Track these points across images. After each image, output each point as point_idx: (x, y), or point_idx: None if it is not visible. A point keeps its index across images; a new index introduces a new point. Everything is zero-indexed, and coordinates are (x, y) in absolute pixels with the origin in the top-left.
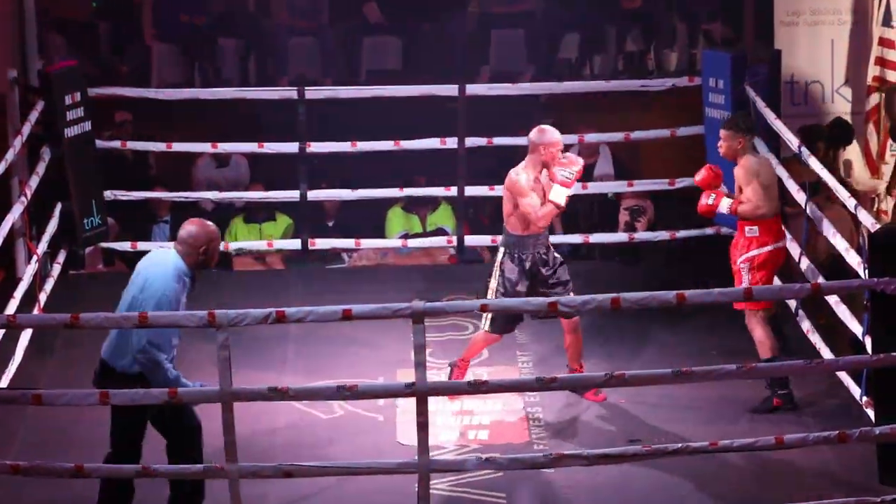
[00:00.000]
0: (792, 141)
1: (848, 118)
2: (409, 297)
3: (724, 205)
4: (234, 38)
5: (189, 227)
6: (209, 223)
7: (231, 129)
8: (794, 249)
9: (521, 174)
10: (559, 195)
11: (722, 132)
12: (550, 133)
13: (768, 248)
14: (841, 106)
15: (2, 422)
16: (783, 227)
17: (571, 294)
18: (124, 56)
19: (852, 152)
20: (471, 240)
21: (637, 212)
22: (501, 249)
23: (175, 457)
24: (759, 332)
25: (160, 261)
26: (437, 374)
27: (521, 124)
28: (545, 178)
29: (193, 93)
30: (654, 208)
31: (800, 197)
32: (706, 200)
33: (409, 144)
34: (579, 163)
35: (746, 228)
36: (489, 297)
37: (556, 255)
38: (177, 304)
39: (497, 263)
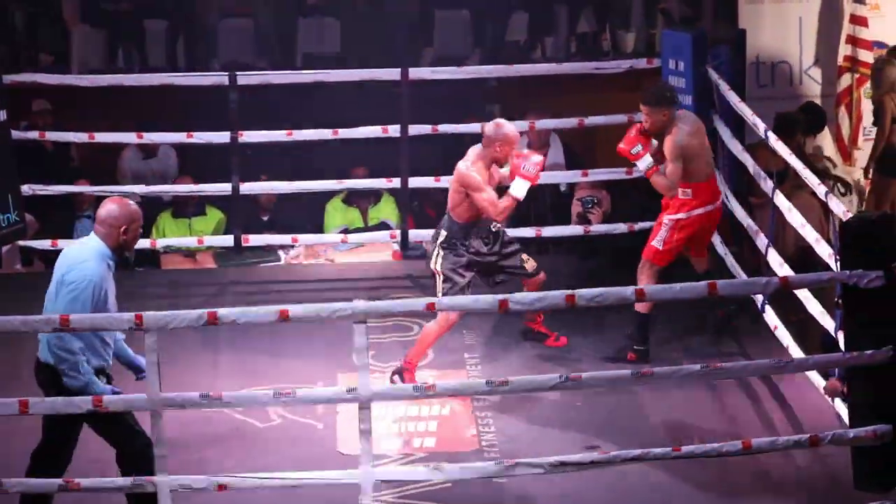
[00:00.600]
0: (758, 125)
1: (818, 101)
2: (350, 297)
3: (643, 164)
4: (162, 21)
5: (108, 206)
6: (130, 202)
7: (158, 117)
8: (760, 241)
9: (471, 169)
10: (521, 189)
11: (643, 108)
12: (508, 129)
13: (698, 211)
14: (810, 88)
15: None
16: (717, 189)
17: (524, 256)
18: (41, 41)
19: (823, 138)
20: (415, 234)
21: (591, 203)
22: (443, 234)
23: (123, 466)
24: (645, 284)
25: (79, 246)
26: (381, 378)
27: (467, 111)
28: (499, 171)
29: (117, 79)
30: (610, 199)
31: (766, 185)
32: (630, 148)
33: (349, 133)
34: (538, 156)
35: (680, 191)
36: (439, 287)
37: (492, 227)
38: (102, 289)
39: (436, 248)
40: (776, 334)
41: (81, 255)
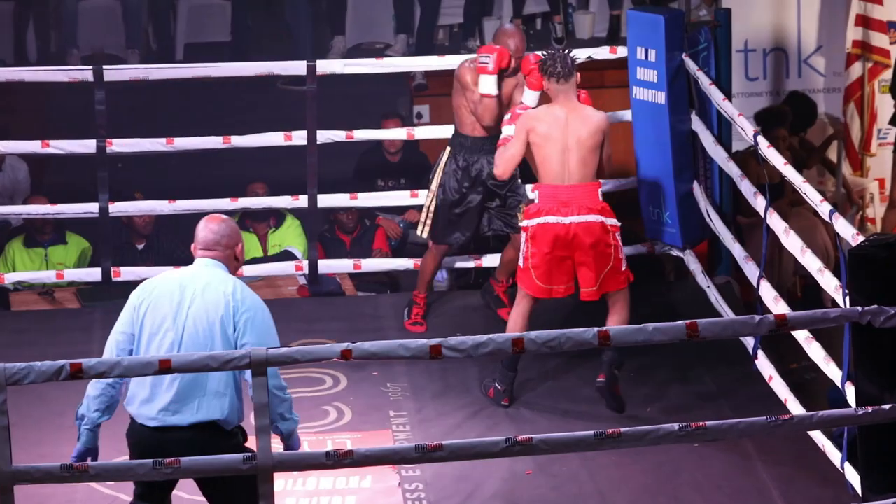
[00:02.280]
0: (746, 128)
1: (819, 96)
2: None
3: (504, 131)
4: (6, 2)
5: (214, 226)
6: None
7: (5, 122)
8: (751, 271)
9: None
10: (486, 85)
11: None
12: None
13: (536, 221)
14: (812, 80)
15: None
16: (568, 203)
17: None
18: None
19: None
20: (326, 265)
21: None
22: (446, 151)
23: None
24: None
25: (217, 277)
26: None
27: (389, 113)
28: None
29: None
30: None
31: (758, 202)
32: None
33: (243, 141)
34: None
35: (529, 189)
36: (427, 202)
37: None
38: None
39: (440, 165)
40: (771, 385)
41: (232, 284)
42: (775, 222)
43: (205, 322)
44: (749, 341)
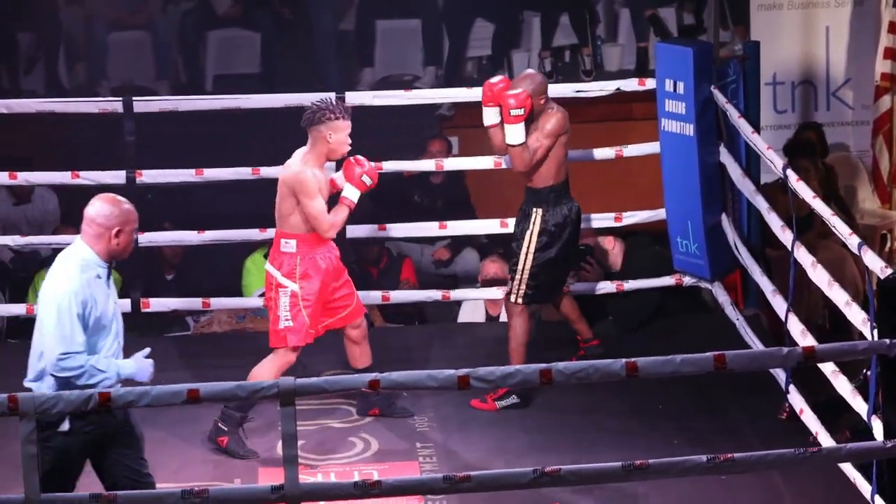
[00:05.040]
0: (775, 162)
1: (848, 129)
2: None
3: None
4: (37, 34)
5: (97, 204)
6: (122, 199)
7: (35, 153)
8: (779, 304)
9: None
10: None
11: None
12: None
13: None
14: (840, 113)
15: None
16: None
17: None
18: None
19: (857, 176)
20: (360, 296)
21: (583, 253)
22: (538, 211)
23: None
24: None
25: (60, 257)
26: (312, 473)
27: (417, 144)
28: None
29: None
30: (622, 249)
31: (786, 236)
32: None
33: (272, 172)
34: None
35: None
36: (520, 265)
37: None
38: (89, 302)
39: (534, 227)
40: (802, 418)
41: (57, 269)
42: (802, 256)
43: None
44: (781, 376)
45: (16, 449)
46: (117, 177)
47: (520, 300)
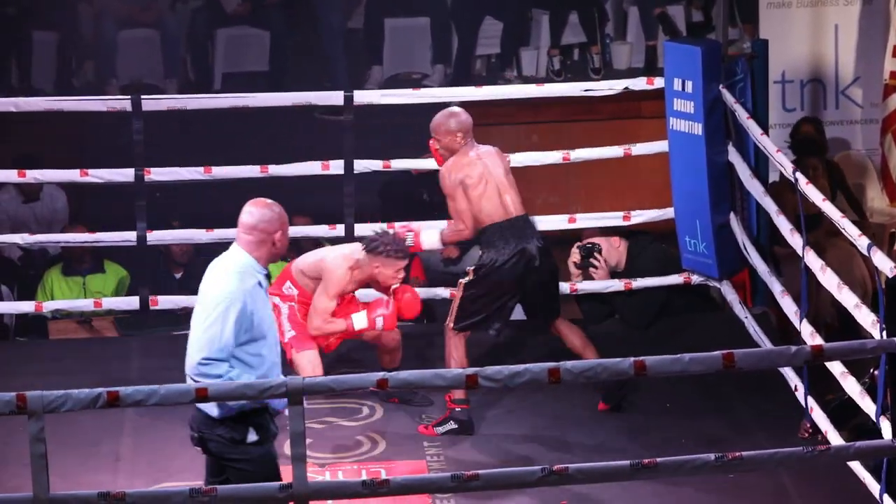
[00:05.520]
0: (784, 165)
1: (857, 128)
2: (284, 371)
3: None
4: (51, 32)
5: (255, 211)
6: (272, 201)
7: (44, 151)
8: (788, 305)
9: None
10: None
11: None
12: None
13: None
14: (849, 111)
15: None
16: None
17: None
18: None
19: (866, 174)
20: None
21: (591, 250)
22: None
23: None
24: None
25: (217, 264)
26: (320, 472)
27: (425, 142)
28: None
29: None
30: (626, 249)
31: (794, 239)
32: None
33: (281, 170)
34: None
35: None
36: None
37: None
38: (251, 309)
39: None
40: (812, 417)
41: (216, 276)
42: (812, 259)
43: (202, 301)
44: (791, 376)
45: (88, 439)
46: (126, 175)
47: (451, 324)
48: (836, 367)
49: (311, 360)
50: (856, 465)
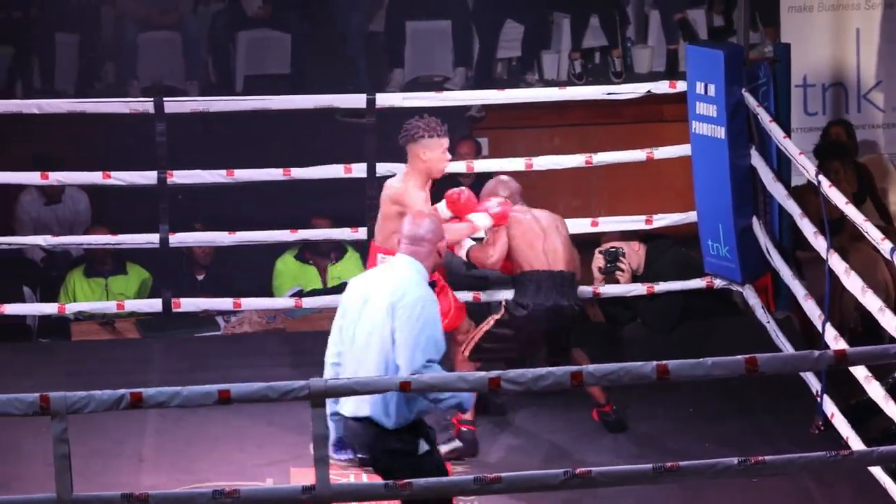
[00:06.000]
0: (808, 168)
1: (878, 132)
2: (305, 374)
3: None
4: (72, 35)
5: (422, 223)
6: (429, 212)
7: (66, 153)
8: (811, 308)
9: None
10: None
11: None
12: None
13: None
14: (871, 115)
15: None
16: None
17: None
18: None
19: (888, 178)
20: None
21: (615, 255)
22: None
23: None
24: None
25: (391, 272)
26: (343, 473)
27: (463, 135)
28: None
29: (16, 105)
30: (644, 253)
31: (818, 243)
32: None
33: (303, 173)
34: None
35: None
36: None
37: None
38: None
39: None
40: (833, 422)
41: (405, 282)
42: (835, 263)
43: (374, 317)
44: (813, 382)
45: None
46: (148, 177)
47: (466, 352)
48: (859, 372)
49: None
50: (877, 470)
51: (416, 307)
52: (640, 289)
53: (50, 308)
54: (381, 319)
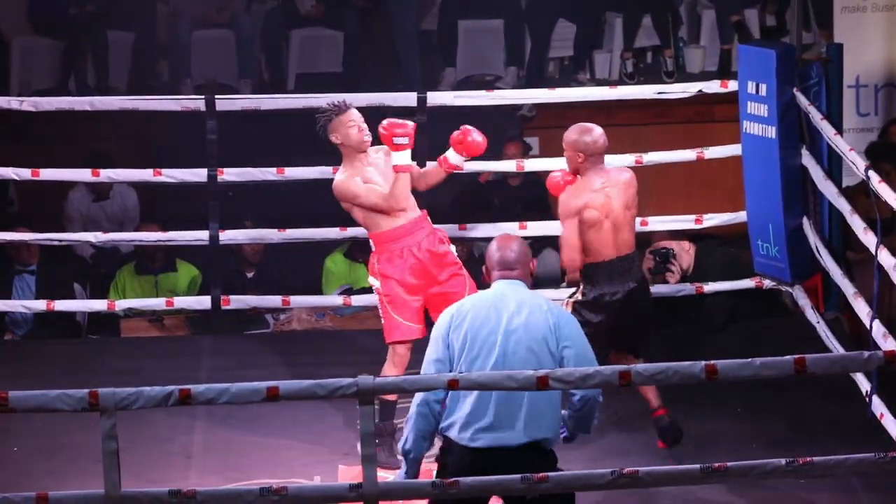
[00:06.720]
0: (857, 163)
1: None
2: (353, 372)
3: None
4: (128, 33)
5: (512, 245)
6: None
7: (115, 150)
8: (860, 307)
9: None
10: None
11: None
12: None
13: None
14: None
15: None
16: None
17: None
18: None
19: None
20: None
21: (666, 256)
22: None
23: None
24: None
25: (524, 296)
26: (391, 471)
27: (498, 144)
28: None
29: (68, 102)
30: (694, 253)
31: (868, 239)
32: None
33: None
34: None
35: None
36: None
37: None
38: None
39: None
40: (882, 423)
41: (534, 299)
42: (885, 259)
43: (527, 340)
44: (863, 383)
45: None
46: (199, 175)
47: None
48: None
49: (395, 362)
50: None
51: (574, 321)
52: (689, 289)
53: (100, 305)
54: (541, 337)
